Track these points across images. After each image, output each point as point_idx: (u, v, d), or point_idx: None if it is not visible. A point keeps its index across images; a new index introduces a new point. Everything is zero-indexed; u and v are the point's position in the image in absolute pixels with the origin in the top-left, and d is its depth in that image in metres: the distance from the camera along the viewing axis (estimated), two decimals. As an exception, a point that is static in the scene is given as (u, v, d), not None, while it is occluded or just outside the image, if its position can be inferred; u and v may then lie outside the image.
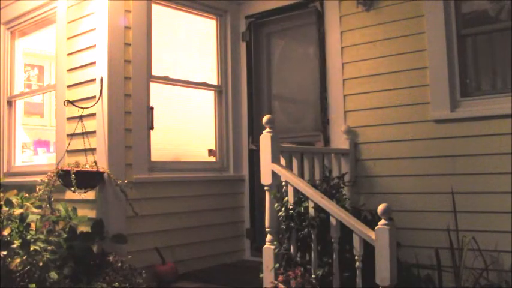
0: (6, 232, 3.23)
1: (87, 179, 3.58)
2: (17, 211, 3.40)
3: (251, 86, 4.78)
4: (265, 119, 3.18)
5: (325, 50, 4.18)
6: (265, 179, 3.14)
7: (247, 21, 4.83)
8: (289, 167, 3.23)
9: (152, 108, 4.08)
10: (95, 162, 3.68)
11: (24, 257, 3.15)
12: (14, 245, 3.18)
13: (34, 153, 5.64)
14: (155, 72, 4.18)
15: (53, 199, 3.62)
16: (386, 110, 3.78)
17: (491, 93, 3.51)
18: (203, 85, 4.63)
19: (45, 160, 5.06)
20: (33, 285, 3.07)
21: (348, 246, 2.87)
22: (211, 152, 4.63)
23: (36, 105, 6.35)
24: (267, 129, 3.17)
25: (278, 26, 4.81)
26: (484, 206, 3.31)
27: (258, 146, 3.51)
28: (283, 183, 3.12)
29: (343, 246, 2.90)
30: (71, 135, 3.88)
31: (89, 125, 3.83)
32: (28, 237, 3.28)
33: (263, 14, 4.74)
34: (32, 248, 3.20)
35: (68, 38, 4.14)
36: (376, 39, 3.86)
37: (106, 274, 3.30)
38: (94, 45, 3.89)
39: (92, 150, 3.77)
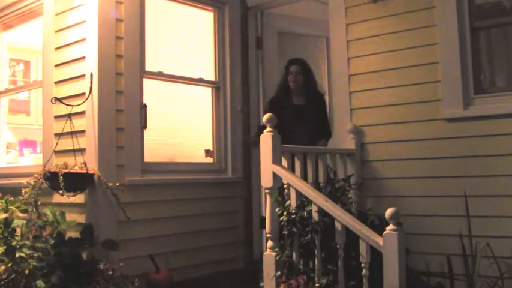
0: (-11, 238, 3.24)
1: (76, 182, 3.58)
2: (2, 215, 3.40)
3: (248, 83, 4.79)
4: (265, 117, 3.19)
5: (330, 44, 4.19)
6: (266, 181, 3.15)
7: (246, 13, 4.84)
8: (291, 168, 3.24)
9: (145, 106, 4.08)
10: (85, 163, 3.68)
11: (9, 265, 3.15)
12: (-2, 252, 3.19)
13: (19, 154, 5.64)
14: (149, 67, 4.18)
15: (39, 203, 3.63)
16: (394, 107, 3.78)
17: (506, 89, 3.51)
18: (200, 81, 4.63)
19: (32, 161, 5.05)
20: (19, 294, 3.08)
21: (354, 253, 2.87)
22: (208, 153, 4.63)
23: (22, 103, 6.36)
24: (268, 129, 3.18)
25: (280, 18, 4.82)
26: (499, 210, 3.31)
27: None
28: (285, 185, 3.12)
29: (348, 252, 2.91)
30: (59, 135, 3.88)
31: (78, 123, 3.83)
32: (13, 243, 3.28)
33: (264, 5, 4.75)
34: (17, 255, 3.20)
35: (56, 31, 4.15)
36: (383, 32, 3.86)
37: (96, 283, 3.30)
38: (83, 39, 3.90)
39: (82, 150, 3.78)
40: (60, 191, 3.49)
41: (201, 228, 4.31)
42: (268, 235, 3.12)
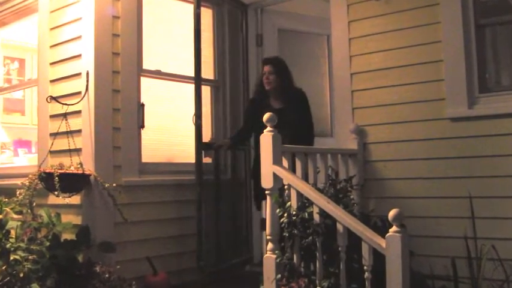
0: (-17, 240, 3.24)
1: (72, 182, 3.58)
2: (-4, 217, 3.40)
3: (248, 81, 4.78)
4: (266, 116, 3.18)
5: (331, 42, 4.19)
6: (266, 182, 3.14)
7: (246, 10, 4.84)
8: (292, 168, 3.23)
9: (143, 105, 4.08)
10: (81, 163, 3.68)
11: (4, 267, 3.14)
12: (-8, 254, 3.19)
13: (14, 154, 5.65)
14: (146, 65, 4.18)
15: (34, 204, 3.62)
16: (397, 107, 3.78)
17: (512, 88, 3.51)
18: (198, 80, 4.62)
19: (26, 161, 5.07)
20: (13, 297, 3.08)
21: (356, 256, 2.87)
22: (207, 153, 4.62)
23: (17, 102, 6.36)
24: (268, 128, 3.17)
25: (281, 15, 4.82)
26: (505, 212, 3.31)
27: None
28: (286, 186, 3.12)
29: (350, 255, 2.90)
30: (55, 135, 3.87)
31: (74, 123, 3.83)
32: (8, 245, 3.28)
33: (263, 1, 4.75)
34: (11, 258, 3.19)
35: (51, 29, 4.14)
36: (386, 30, 3.86)
37: (92, 286, 3.30)
38: (79, 36, 3.89)
39: (78, 150, 3.77)
40: (56, 192, 3.48)
41: (199, 230, 4.31)
42: (268, 237, 3.12)
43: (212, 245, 4.20)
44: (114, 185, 3.68)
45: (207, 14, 4.77)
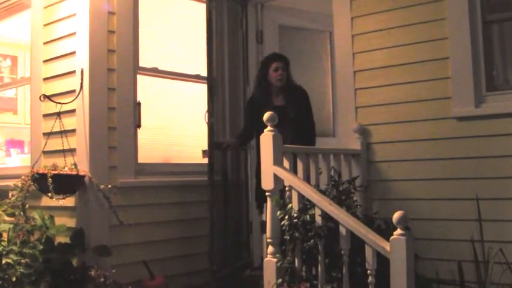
0: (-25, 243, 3.24)
1: (66, 184, 3.58)
2: (-13, 220, 3.40)
3: (248, 79, 4.78)
4: (266, 116, 3.18)
5: (334, 38, 4.19)
6: (267, 183, 3.14)
7: (246, 6, 4.84)
8: (293, 169, 3.23)
9: (139, 104, 4.08)
10: (75, 164, 3.68)
11: (-5, 271, 3.15)
12: (-16, 258, 3.19)
13: (6, 155, 5.65)
14: (142, 63, 4.18)
15: (27, 206, 3.63)
16: (402, 105, 3.78)
17: (520, 86, 3.51)
18: (197, 78, 4.62)
19: (19, 162, 5.06)
20: (6, 302, 3.08)
21: (359, 259, 2.87)
22: (205, 153, 4.61)
23: (9, 101, 6.35)
24: (269, 128, 3.17)
25: (281, 11, 4.81)
26: (513, 214, 3.31)
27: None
28: (287, 188, 3.12)
29: (353, 259, 2.90)
30: (48, 134, 3.88)
31: (68, 122, 3.83)
32: (0, 248, 3.28)
33: (264, -3, 4.76)
34: (4, 261, 3.20)
35: (45, 25, 4.14)
36: (391, 26, 3.85)
37: (87, 290, 3.31)
38: (74, 33, 3.90)
39: (72, 151, 3.77)
40: (49, 194, 3.48)
41: (198, 233, 4.30)
42: (268, 240, 3.12)
43: (220, 248, 4.21)
44: (109, 186, 3.68)
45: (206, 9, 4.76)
